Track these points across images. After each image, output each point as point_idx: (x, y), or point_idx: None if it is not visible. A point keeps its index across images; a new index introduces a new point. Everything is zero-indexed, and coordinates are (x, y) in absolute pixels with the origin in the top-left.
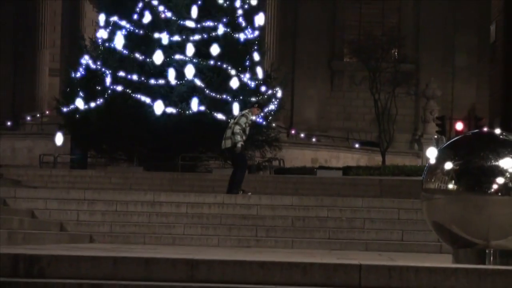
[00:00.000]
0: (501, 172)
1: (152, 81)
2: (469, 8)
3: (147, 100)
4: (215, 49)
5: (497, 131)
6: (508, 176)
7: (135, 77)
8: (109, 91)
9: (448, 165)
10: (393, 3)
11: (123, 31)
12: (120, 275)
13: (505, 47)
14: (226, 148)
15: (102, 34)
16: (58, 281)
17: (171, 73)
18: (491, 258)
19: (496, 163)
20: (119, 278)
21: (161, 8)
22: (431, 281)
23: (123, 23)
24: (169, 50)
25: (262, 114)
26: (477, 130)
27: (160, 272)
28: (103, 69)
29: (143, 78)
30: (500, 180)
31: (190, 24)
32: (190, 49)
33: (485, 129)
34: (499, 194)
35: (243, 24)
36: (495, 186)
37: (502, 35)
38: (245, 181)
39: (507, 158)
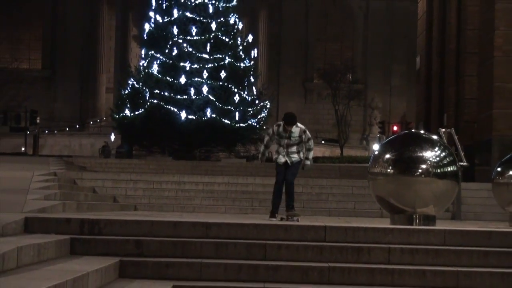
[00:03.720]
0: (424, 160)
1: (178, 96)
2: (402, 45)
3: (175, 109)
4: (222, 74)
5: (421, 131)
6: (429, 163)
7: (166, 93)
8: (148, 103)
9: (387, 155)
10: (348, 42)
11: (158, 61)
12: (156, 233)
13: (426, 73)
14: None
15: (143, 63)
16: (112, 237)
17: (192, 91)
18: (417, 220)
19: (421, 154)
20: (155, 235)
21: (184, 45)
22: (375, 237)
23: (158, 55)
24: (190, 74)
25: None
26: (407, 131)
27: (184, 231)
28: (144, 88)
29: (172, 94)
30: (423, 166)
31: (205, 56)
32: (205, 74)
33: (413, 130)
34: (423, 176)
35: (243, 56)
36: (419, 170)
37: (424, 64)
38: (244, 168)
39: (428, 151)
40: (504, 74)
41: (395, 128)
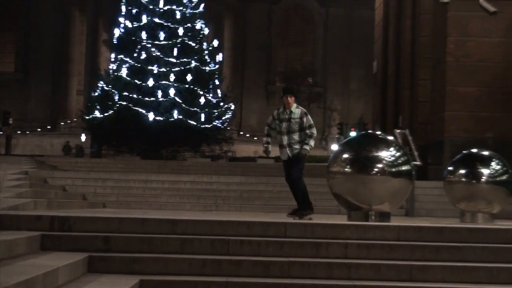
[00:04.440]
0: (380, 160)
1: (146, 98)
2: (360, 51)
3: (143, 111)
4: (189, 77)
5: (378, 132)
6: (384, 162)
7: (135, 95)
8: (117, 105)
9: (345, 155)
10: (309, 48)
11: (127, 65)
12: (123, 230)
13: (382, 77)
14: None
15: (112, 66)
16: (81, 234)
17: (159, 93)
18: (373, 217)
19: (376, 154)
20: (123, 232)
21: (152, 49)
22: (333, 233)
23: (127, 59)
24: (158, 77)
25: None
26: (364, 132)
27: (151, 227)
28: (113, 90)
29: (140, 96)
30: (379, 165)
31: (172, 60)
32: (172, 77)
33: (370, 131)
34: (378, 174)
35: (208, 60)
36: (375, 169)
37: (380, 69)
38: (209, 167)
39: (384, 151)
40: (455, 78)
41: (352, 129)
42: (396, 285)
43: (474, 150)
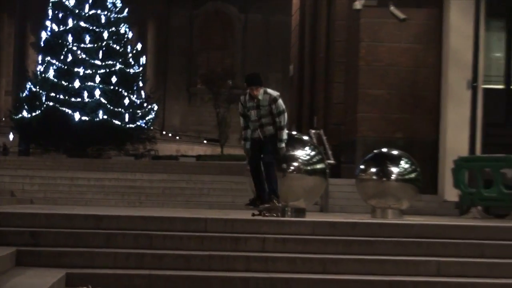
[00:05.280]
0: (296, 158)
1: (73, 99)
2: (277, 55)
3: (70, 111)
4: (114, 79)
5: (294, 132)
6: (300, 161)
7: (61, 96)
8: (45, 106)
9: None
10: (228, 51)
11: (54, 67)
12: (51, 225)
13: (299, 80)
14: None
15: (40, 68)
16: (9, 229)
17: (85, 94)
18: (289, 213)
19: (292, 153)
20: (50, 227)
21: (78, 52)
22: (251, 228)
23: (54, 61)
24: (83, 79)
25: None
26: None
27: (77, 223)
28: (40, 91)
29: (67, 97)
30: (295, 163)
31: (97, 62)
32: (97, 79)
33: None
34: (294, 172)
35: (132, 62)
36: (291, 167)
37: (296, 72)
38: (132, 165)
39: (299, 150)
40: (367, 82)
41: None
42: (310, 277)
43: (384, 150)
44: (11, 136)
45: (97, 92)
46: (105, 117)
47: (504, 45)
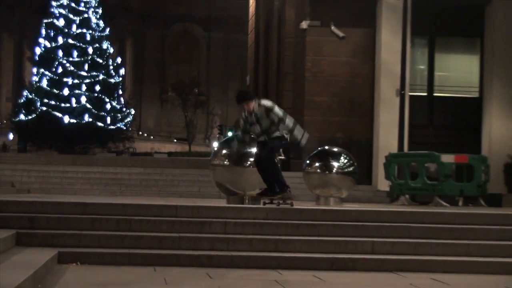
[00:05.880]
0: (252, 155)
1: (63, 105)
2: (236, 67)
3: (60, 115)
4: (97, 87)
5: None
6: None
7: (53, 102)
8: (39, 110)
9: (224, 151)
10: (195, 64)
11: (47, 77)
12: (45, 211)
13: (254, 88)
14: None
15: (35, 78)
16: (10, 214)
17: (73, 100)
18: (247, 201)
19: (249, 150)
20: (44, 212)
21: (67, 64)
22: (215, 214)
23: (47, 72)
24: (72, 87)
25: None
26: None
27: (67, 209)
28: (35, 98)
29: (58, 103)
30: (251, 159)
31: (83, 73)
32: (84, 87)
33: None
34: (251, 166)
35: (113, 73)
36: (248, 162)
37: (252, 81)
38: (114, 160)
39: (255, 148)
40: (312, 90)
41: (229, 131)
42: (265, 255)
43: (327, 147)
44: (11, 136)
45: (83, 99)
46: (91, 120)
47: (427, 59)
